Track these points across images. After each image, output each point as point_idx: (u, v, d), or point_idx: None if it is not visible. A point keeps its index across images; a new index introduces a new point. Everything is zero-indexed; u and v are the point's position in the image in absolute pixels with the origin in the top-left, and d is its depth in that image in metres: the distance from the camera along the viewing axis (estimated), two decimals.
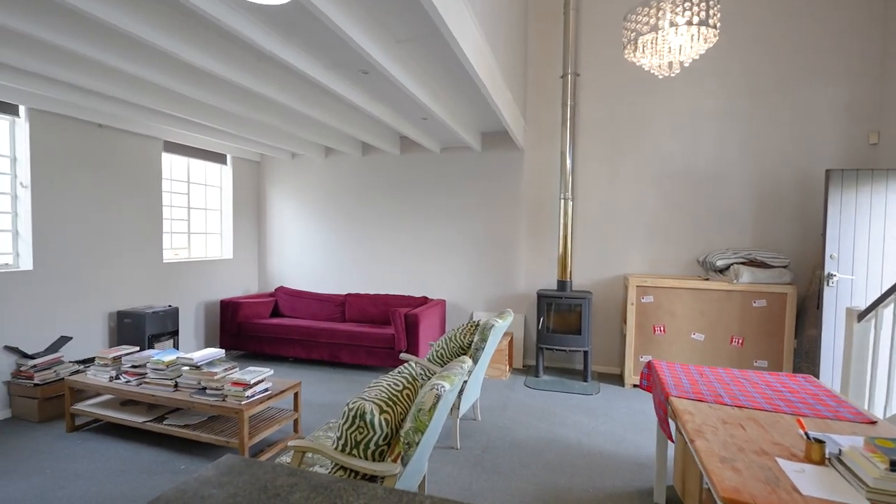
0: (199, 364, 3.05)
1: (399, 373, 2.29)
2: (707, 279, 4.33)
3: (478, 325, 3.47)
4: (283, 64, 2.74)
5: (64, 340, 3.81)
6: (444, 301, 5.37)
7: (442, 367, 3.32)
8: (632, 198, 4.77)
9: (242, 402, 2.85)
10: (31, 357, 3.57)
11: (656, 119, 4.66)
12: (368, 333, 4.71)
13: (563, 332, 4.63)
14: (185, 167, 5.26)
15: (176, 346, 4.62)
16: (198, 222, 5.49)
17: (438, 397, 1.88)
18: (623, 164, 4.78)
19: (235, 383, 2.91)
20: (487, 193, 5.26)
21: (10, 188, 3.67)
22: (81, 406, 3.32)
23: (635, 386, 4.44)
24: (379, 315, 5.28)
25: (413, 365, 2.36)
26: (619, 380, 4.68)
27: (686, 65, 2.53)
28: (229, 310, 5.20)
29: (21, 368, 3.52)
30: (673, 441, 2.04)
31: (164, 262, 4.87)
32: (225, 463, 1.31)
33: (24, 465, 2.84)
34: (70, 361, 3.84)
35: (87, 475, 2.74)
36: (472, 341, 3.24)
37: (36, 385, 3.46)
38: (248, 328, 5.16)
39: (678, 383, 2.22)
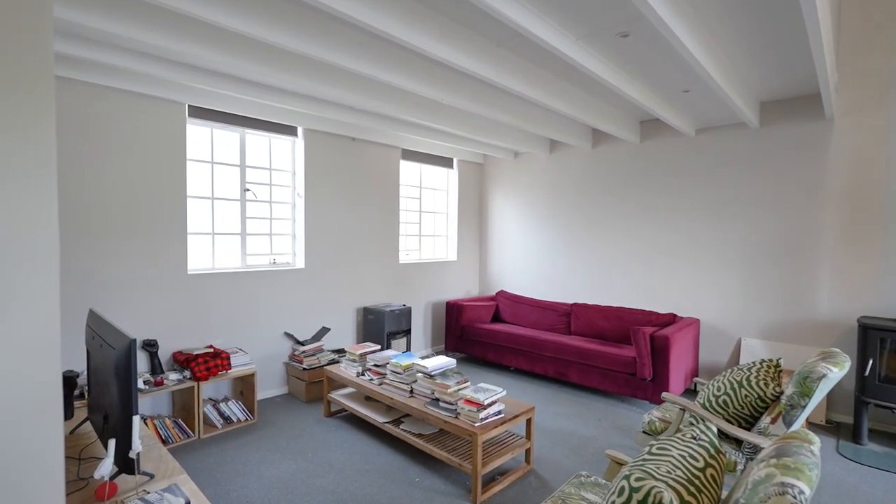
0: (432, 373, 2.93)
1: (695, 439, 1.59)
2: None
3: (778, 365, 2.45)
4: (532, 39, 2.34)
5: (325, 331, 4.30)
6: (698, 321, 4.27)
7: (727, 419, 2.43)
8: None
9: (476, 424, 2.57)
10: (302, 343, 4.11)
11: None
12: (603, 353, 4.03)
13: None
14: (417, 173, 5.53)
15: (408, 345, 4.82)
16: (427, 225, 5.72)
17: None
18: None
19: (468, 401, 2.65)
20: (766, 183, 3.95)
21: (290, 198, 4.32)
22: (334, 395, 3.62)
23: None
24: (611, 331, 4.53)
25: (710, 429, 1.63)
26: None
27: None
28: (454, 312, 5.23)
29: (295, 353, 4.08)
30: None
31: (400, 263, 5.18)
32: None
33: (294, 444, 3.16)
34: (328, 350, 4.32)
35: (339, 467, 2.87)
36: (778, 393, 2.26)
37: (304, 369, 3.95)
38: (470, 332, 5.09)
39: None
